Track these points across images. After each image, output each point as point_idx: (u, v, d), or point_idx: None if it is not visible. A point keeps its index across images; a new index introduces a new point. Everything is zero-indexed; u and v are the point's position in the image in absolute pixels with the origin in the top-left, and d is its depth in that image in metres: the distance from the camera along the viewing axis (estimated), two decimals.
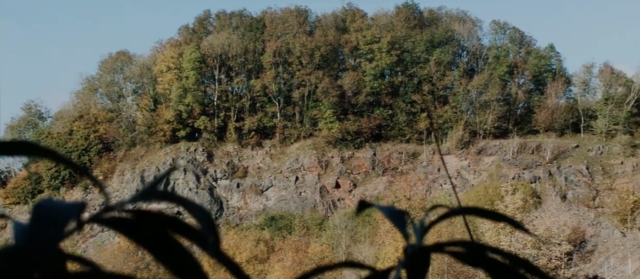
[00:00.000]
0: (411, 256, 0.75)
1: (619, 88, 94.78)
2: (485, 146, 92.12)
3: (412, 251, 0.76)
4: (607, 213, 60.57)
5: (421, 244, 0.78)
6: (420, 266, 0.75)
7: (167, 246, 0.63)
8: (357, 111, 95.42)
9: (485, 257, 0.77)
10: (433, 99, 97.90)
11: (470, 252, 0.77)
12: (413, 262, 0.75)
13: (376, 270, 0.77)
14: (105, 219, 0.61)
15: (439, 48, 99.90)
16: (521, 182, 77.15)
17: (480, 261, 0.78)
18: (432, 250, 0.77)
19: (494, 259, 0.77)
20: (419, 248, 0.76)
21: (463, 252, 0.78)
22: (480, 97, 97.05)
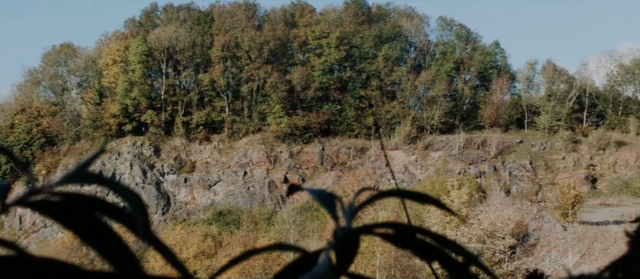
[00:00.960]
0: (340, 238, 0.75)
1: (561, 85, 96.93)
2: (432, 141, 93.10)
3: (342, 233, 0.76)
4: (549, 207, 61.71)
5: (350, 226, 0.77)
6: (349, 248, 0.75)
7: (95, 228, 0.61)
8: (305, 106, 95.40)
9: (413, 238, 0.78)
10: (381, 95, 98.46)
11: (399, 233, 0.78)
12: (342, 244, 0.75)
13: (307, 252, 0.77)
14: (31, 202, 0.59)
15: (387, 44, 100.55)
16: (467, 177, 78.04)
17: (408, 242, 0.78)
18: (361, 232, 0.77)
19: (422, 240, 0.78)
20: (348, 230, 0.76)
21: (392, 233, 0.78)
22: (428, 92, 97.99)
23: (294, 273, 0.75)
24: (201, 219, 78.18)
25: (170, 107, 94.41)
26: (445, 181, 65.04)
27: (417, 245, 0.78)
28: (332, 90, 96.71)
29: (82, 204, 0.61)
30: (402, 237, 0.78)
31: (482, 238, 48.14)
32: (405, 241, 0.78)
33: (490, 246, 48.17)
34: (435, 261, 0.79)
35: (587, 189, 76.29)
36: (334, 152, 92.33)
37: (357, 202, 0.81)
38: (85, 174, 0.64)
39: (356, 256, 0.64)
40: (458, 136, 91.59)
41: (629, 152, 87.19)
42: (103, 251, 0.60)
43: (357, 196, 0.85)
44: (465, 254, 0.74)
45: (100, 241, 0.61)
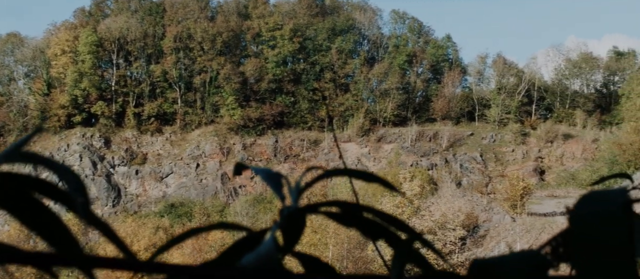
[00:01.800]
0: (286, 217, 0.75)
1: (511, 78, 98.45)
2: (385, 133, 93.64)
3: (288, 212, 0.75)
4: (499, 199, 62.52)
5: (296, 205, 0.77)
6: (295, 227, 0.75)
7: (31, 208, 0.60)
8: (259, 98, 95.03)
9: (358, 216, 0.78)
10: (335, 87, 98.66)
11: (344, 212, 0.78)
12: (288, 223, 0.75)
13: (252, 231, 0.78)
14: None
15: (340, 36, 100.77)
16: (419, 170, 78.72)
17: (354, 221, 0.78)
18: (307, 211, 0.76)
19: (368, 219, 0.78)
20: (295, 209, 0.76)
21: (338, 212, 0.78)
22: (381, 85, 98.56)
23: (239, 253, 0.75)
24: (153, 211, 77.33)
25: (121, 99, 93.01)
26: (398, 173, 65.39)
27: (363, 223, 0.78)
28: (286, 82, 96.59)
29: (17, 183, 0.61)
30: (348, 215, 0.78)
31: (433, 229, 48.49)
32: (351, 219, 0.78)
33: (441, 238, 48.54)
34: (381, 239, 0.79)
35: (535, 181, 77.63)
36: (287, 144, 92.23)
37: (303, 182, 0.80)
38: (21, 154, 0.63)
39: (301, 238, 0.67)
40: (410, 128, 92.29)
41: (575, 145, 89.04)
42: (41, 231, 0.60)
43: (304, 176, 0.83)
44: (410, 232, 0.76)
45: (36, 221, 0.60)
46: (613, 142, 74.35)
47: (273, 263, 0.63)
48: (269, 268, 0.62)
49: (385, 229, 0.78)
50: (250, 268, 0.62)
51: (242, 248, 0.76)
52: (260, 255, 0.64)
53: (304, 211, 0.76)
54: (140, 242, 60.47)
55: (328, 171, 0.82)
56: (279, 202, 0.72)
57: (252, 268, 0.62)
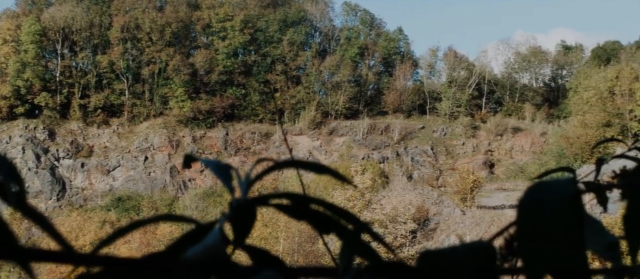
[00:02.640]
0: (236, 209, 0.74)
1: (461, 72, 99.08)
2: (337, 126, 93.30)
3: (237, 204, 0.74)
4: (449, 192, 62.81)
5: (246, 197, 0.76)
6: (245, 219, 0.74)
7: None
8: (209, 90, 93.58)
9: (308, 209, 0.77)
10: (286, 79, 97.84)
11: (294, 204, 0.77)
12: (238, 215, 0.74)
13: (200, 223, 0.77)
14: None
15: (292, 28, 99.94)
16: (370, 163, 78.59)
17: (303, 213, 0.78)
18: (257, 203, 0.75)
19: (317, 211, 0.78)
20: (244, 201, 0.75)
21: (288, 204, 0.77)
22: (332, 78, 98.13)
23: (185, 245, 0.74)
24: (99, 205, 75.72)
25: (66, 90, 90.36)
26: (349, 167, 65.14)
27: (312, 215, 0.78)
28: (237, 74, 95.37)
29: None
30: (297, 208, 0.77)
31: (384, 222, 48.36)
32: (301, 212, 0.77)
33: (392, 231, 48.44)
34: (331, 231, 0.78)
35: (485, 174, 78.22)
36: (238, 137, 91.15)
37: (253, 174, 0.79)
38: None
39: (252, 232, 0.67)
40: (362, 121, 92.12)
41: (524, 138, 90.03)
42: None
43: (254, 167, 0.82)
44: (358, 223, 0.75)
45: None
46: (561, 135, 75.33)
47: (219, 254, 0.63)
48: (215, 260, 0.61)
49: (335, 222, 0.78)
50: (196, 259, 0.61)
51: (189, 241, 0.75)
52: (207, 247, 0.64)
53: (253, 203, 0.75)
54: (86, 236, 58.88)
55: (278, 162, 0.81)
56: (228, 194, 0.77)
57: (198, 259, 0.61)
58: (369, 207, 49.06)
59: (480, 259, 0.68)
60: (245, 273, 0.68)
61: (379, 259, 0.73)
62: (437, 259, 0.68)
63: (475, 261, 0.67)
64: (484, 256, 0.68)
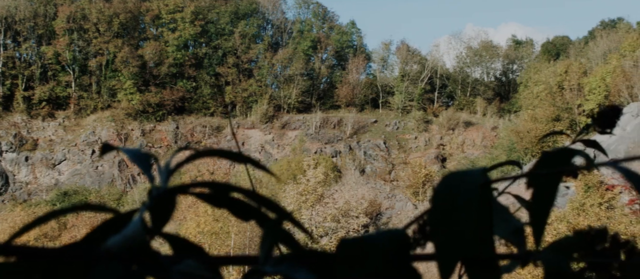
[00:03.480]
0: (155, 198, 0.74)
1: (414, 66, 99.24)
2: (289, 120, 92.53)
3: (157, 193, 0.74)
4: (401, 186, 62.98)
5: (166, 186, 0.76)
6: (164, 207, 0.74)
7: None
8: (159, 83, 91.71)
9: (228, 197, 0.77)
10: (238, 72, 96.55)
11: (214, 192, 0.77)
12: (157, 204, 0.73)
13: (119, 213, 0.76)
14: None
15: (243, 20, 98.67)
16: (323, 157, 78.27)
17: (224, 201, 0.78)
18: (177, 191, 0.75)
19: (237, 199, 0.78)
20: (164, 190, 0.75)
21: (208, 193, 0.77)
22: (285, 71, 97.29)
23: (104, 234, 0.72)
24: (44, 200, 73.53)
25: (10, 81, 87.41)
26: (302, 161, 64.74)
27: (233, 204, 0.78)
28: (187, 66, 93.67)
29: None
30: (217, 196, 0.77)
31: (336, 217, 48.06)
32: (220, 200, 0.78)
33: (345, 225, 48.22)
34: (252, 219, 0.79)
35: (437, 168, 78.44)
36: (188, 130, 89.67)
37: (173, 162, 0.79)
38: None
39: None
40: (315, 115, 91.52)
41: (475, 132, 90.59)
42: None
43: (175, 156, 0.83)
44: (279, 211, 0.76)
45: None
46: (511, 130, 75.98)
47: (139, 243, 0.61)
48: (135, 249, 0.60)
49: (255, 209, 0.78)
50: (115, 249, 0.60)
51: (109, 230, 0.74)
52: (126, 236, 0.63)
53: (173, 192, 0.75)
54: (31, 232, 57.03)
55: (198, 151, 0.81)
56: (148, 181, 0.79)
57: (117, 249, 0.60)
58: (322, 202, 48.66)
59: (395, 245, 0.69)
60: (166, 262, 0.67)
61: (299, 248, 0.73)
62: (354, 246, 0.69)
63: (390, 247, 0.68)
64: (399, 242, 0.70)
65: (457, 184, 0.75)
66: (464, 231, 0.68)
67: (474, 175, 0.75)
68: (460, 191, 0.73)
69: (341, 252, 0.69)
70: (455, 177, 0.77)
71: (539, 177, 0.78)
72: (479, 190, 0.73)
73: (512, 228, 0.85)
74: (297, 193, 48.77)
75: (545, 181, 0.79)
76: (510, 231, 0.84)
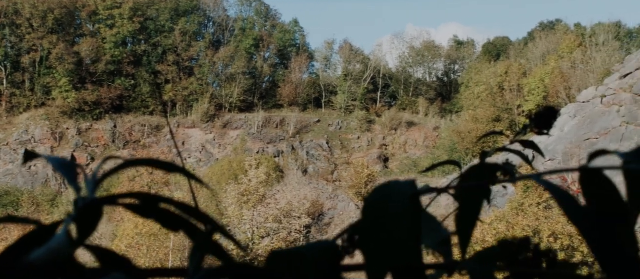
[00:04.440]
0: (82, 209, 0.71)
1: (357, 65, 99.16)
2: (231, 119, 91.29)
3: (83, 204, 0.72)
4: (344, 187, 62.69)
5: (93, 196, 0.73)
6: (91, 219, 0.71)
7: None
8: (96, 80, 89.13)
9: (157, 208, 0.76)
10: (178, 70, 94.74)
11: (143, 203, 0.76)
12: (83, 215, 0.71)
13: (43, 225, 0.73)
14: None
15: (184, 17, 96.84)
16: (265, 157, 77.52)
17: (152, 212, 0.77)
18: (104, 203, 0.73)
19: (166, 210, 0.76)
20: (91, 201, 0.72)
21: (136, 204, 0.75)
22: (227, 69, 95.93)
23: (28, 248, 0.69)
24: None
25: None
26: (244, 161, 63.99)
27: (162, 215, 0.77)
28: (126, 64, 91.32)
29: None
30: (146, 207, 0.75)
31: (278, 217, 47.52)
32: (149, 211, 0.76)
33: (287, 226, 47.74)
34: (181, 230, 0.78)
35: (379, 168, 78.43)
36: (127, 129, 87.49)
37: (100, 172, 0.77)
38: None
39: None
40: (257, 114, 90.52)
41: (418, 132, 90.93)
42: None
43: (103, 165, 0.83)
44: (210, 223, 0.74)
45: None
46: (453, 130, 76.48)
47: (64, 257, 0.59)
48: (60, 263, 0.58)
49: (184, 220, 0.77)
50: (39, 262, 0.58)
51: (32, 243, 0.71)
52: (51, 249, 0.61)
53: (100, 203, 0.73)
54: None
55: (128, 161, 0.79)
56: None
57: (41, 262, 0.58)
58: (263, 202, 48.02)
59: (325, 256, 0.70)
60: (91, 276, 0.65)
61: (229, 260, 0.73)
62: (285, 258, 0.69)
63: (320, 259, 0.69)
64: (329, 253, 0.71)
65: (387, 195, 0.76)
66: (393, 241, 0.68)
67: (404, 186, 0.76)
68: (390, 201, 0.74)
69: (272, 264, 0.70)
70: (385, 188, 0.78)
71: (464, 191, 0.80)
72: (408, 201, 0.74)
73: (440, 238, 0.87)
74: (238, 194, 48.07)
75: (470, 195, 0.81)
76: (438, 241, 0.86)
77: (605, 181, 0.65)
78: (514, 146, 1.29)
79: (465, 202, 0.81)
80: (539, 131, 1.09)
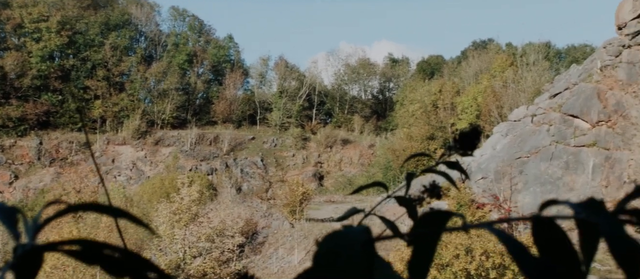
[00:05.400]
0: (21, 256, 0.68)
1: (292, 82, 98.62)
2: (163, 136, 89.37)
3: (23, 251, 0.69)
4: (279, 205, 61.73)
5: (33, 243, 0.71)
6: (30, 267, 0.69)
7: None
8: (21, 95, 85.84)
9: (101, 254, 0.74)
10: (108, 86, 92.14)
11: (85, 250, 0.73)
12: (22, 263, 0.68)
13: None
14: None
15: (115, 32, 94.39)
16: (198, 174, 75.99)
17: (96, 259, 0.74)
18: (44, 249, 0.70)
19: (111, 256, 0.74)
20: (31, 247, 0.69)
21: (79, 250, 0.72)
22: (159, 85, 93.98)
23: None
24: None
25: None
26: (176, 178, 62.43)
27: (105, 261, 0.74)
28: (53, 79, 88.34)
29: None
30: (89, 254, 0.73)
31: (211, 236, 46.23)
32: (93, 257, 0.74)
33: (219, 245, 46.52)
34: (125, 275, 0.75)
35: (314, 186, 77.83)
36: (53, 146, 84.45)
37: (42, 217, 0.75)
38: None
39: None
40: (190, 131, 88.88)
41: (353, 150, 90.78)
42: None
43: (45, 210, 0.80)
44: (155, 270, 0.74)
45: None
46: (387, 148, 76.46)
47: None
48: None
49: (129, 267, 0.75)
50: None
51: None
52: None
53: (41, 250, 0.70)
54: None
55: (71, 206, 0.76)
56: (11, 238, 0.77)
57: None
58: (196, 221, 46.67)
59: None
60: None
61: None
62: None
63: None
64: None
65: (339, 243, 0.75)
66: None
67: (356, 233, 0.76)
68: (342, 249, 0.73)
69: None
70: (337, 235, 0.77)
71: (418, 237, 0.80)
72: (360, 248, 0.73)
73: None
74: (170, 212, 46.54)
75: (423, 241, 0.81)
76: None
77: (557, 230, 0.67)
78: (441, 166, 1.28)
79: (418, 248, 0.81)
80: (463, 152, 1.11)
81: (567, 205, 0.67)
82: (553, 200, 0.71)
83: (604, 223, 0.58)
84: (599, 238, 0.61)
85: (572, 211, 0.64)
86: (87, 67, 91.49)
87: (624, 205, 0.61)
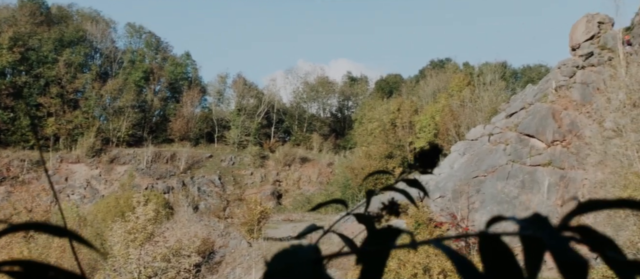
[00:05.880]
0: None
1: (251, 100, 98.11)
2: (119, 154, 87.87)
3: None
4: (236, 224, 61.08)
5: None
6: None
7: None
8: None
9: (44, 276, 0.72)
10: (62, 103, 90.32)
11: (28, 272, 0.71)
12: None
13: None
14: None
15: (69, 48, 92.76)
16: (154, 193, 74.78)
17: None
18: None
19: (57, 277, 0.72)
20: None
21: (22, 271, 0.71)
22: (114, 102, 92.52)
23: None
24: None
25: None
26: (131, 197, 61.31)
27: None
28: (4, 96, 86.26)
29: None
30: (32, 276, 0.71)
31: (167, 256, 45.34)
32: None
33: (176, 265, 45.66)
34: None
35: (273, 204, 77.23)
36: (4, 164, 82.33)
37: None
38: None
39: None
40: (146, 149, 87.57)
41: (312, 168, 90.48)
42: None
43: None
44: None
45: None
46: (346, 166, 76.30)
47: None
48: None
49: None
50: None
51: None
52: None
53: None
54: None
55: (14, 225, 0.75)
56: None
57: None
58: (151, 240, 45.76)
59: None
60: None
61: None
62: None
63: None
64: None
65: (288, 262, 0.75)
66: None
67: (305, 252, 0.76)
68: (292, 269, 0.73)
69: None
70: (286, 254, 0.77)
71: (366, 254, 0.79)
72: (311, 267, 0.73)
73: None
74: (124, 232, 45.54)
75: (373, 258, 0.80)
76: None
77: (502, 246, 0.67)
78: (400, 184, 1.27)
79: (367, 266, 0.80)
80: (423, 171, 1.11)
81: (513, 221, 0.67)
82: (500, 216, 0.71)
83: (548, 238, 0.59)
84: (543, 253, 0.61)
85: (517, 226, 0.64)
86: (40, 84, 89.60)
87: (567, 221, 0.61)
